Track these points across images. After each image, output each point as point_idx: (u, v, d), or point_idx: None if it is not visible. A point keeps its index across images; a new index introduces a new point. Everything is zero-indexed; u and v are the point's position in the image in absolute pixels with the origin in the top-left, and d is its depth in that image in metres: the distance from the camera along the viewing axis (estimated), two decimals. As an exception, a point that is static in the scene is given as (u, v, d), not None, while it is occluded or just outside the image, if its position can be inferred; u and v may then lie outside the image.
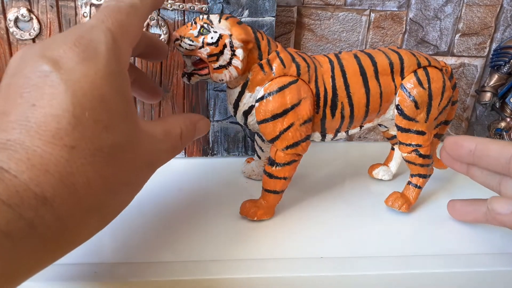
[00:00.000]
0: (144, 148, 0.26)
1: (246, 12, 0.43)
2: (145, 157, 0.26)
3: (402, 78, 0.37)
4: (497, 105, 0.52)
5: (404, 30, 0.52)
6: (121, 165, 0.24)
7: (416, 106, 0.36)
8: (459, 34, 0.53)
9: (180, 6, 0.43)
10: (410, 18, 0.51)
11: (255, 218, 0.36)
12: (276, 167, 0.35)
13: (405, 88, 0.37)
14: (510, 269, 0.33)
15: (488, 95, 0.51)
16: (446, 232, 0.37)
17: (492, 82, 0.51)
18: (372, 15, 0.51)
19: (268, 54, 0.34)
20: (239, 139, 0.49)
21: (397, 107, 0.37)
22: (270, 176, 0.36)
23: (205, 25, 0.32)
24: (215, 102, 0.47)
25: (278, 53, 0.34)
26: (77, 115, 0.21)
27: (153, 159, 0.27)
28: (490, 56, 0.53)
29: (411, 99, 0.36)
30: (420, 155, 0.38)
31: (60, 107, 0.21)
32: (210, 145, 0.48)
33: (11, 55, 0.42)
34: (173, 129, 0.29)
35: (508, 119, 0.51)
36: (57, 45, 0.23)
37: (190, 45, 0.32)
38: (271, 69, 0.34)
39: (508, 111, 0.51)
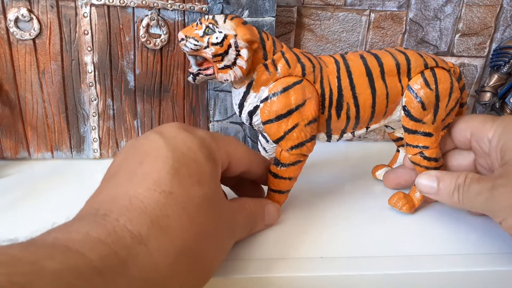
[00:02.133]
0: (226, 209, 0.29)
1: (246, 12, 0.43)
2: (227, 219, 0.29)
3: (409, 79, 0.36)
4: (497, 105, 0.52)
5: (404, 30, 0.52)
6: (208, 216, 0.26)
7: (423, 107, 0.36)
8: (459, 34, 0.53)
9: (180, 6, 0.43)
10: (410, 18, 0.51)
11: None
12: (281, 167, 0.35)
13: (412, 89, 0.36)
14: (510, 269, 0.33)
15: (488, 95, 0.52)
16: (446, 232, 0.37)
17: (492, 82, 0.51)
18: (372, 15, 0.51)
19: (273, 54, 0.34)
20: (239, 139, 0.49)
21: (404, 108, 0.37)
22: (275, 176, 0.36)
23: (210, 25, 0.32)
24: (215, 102, 0.47)
25: (283, 53, 0.34)
26: (176, 168, 0.25)
27: (233, 224, 0.30)
28: (490, 56, 0.53)
29: (418, 100, 0.36)
30: (425, 157, 0.38)
31: (161, 161, 0.25)
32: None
33: (11, 55, 0.42)
34: (245, 203, 0.33)
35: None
36: (163, 126, 0.29)
37: (195, 45, 0.32)
38: (276, 69, 0.33)
39: (508, 111, 0.51)
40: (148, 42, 0.43)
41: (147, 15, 0.43)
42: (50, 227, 0.22)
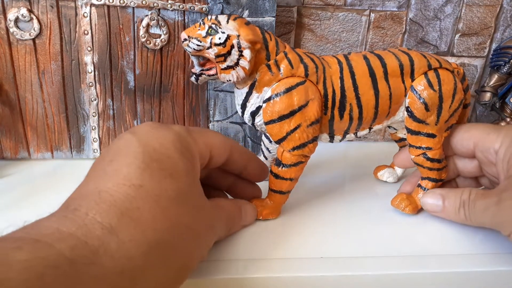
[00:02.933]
0: (204, 205, 0.29)
1: (246, 12, 0.43)
2: (205, 214, 0.28)
3: (412, 80, 0.36)
4: (497, 105, 0.52)
5: (404, 30, 0.52)
6: (184, 209, 0.26)
7: (427, 108, 0.36)
8: (459, 34, 0.53)
9: (180, 6, 0.43)
10: (410, 18, 0.51)
11: (261, 217, 0.37)
12: (282, 167, 0.35)
13: (415, 90, 0.36)
14: (510, 269, 0.33)
15: (488, 95, 0.51)
16: (446, 232, 0.37)
17: (492, 82, 0.51)
18: (372, 15, 0.51)
19: (276, 55, 0.33)
20: (239, 139, 0.49)
21: (407, 109, 0.37)
22: (276, 176, 0.36)
23: (213, 26, 0.32)
24: (215, 102, 0.47)
25: (286, 54, 0.34)
26: (146, 162, 0.25)
27: (212, 221, 0.30)
28: (490, 56, 0.53)
29: (421, 101, 0.36)
30: (428, 159, 0.37)
31: (132, 156, 0.25)
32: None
33: (11, 55, 0.42)
34: (222, 203, 0.33)
35: (508, 119, 0.51)
36: (137, 125, 0.29)
37: (198, 45, 0.32)
38: (279, 69, 0.33)
39: (508, 111, 0.51)
40: (148, 42, 0.43)
41: (147, 15, 0.43)
42: (21, 225, 0.22)
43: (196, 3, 0.43)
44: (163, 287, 0.24)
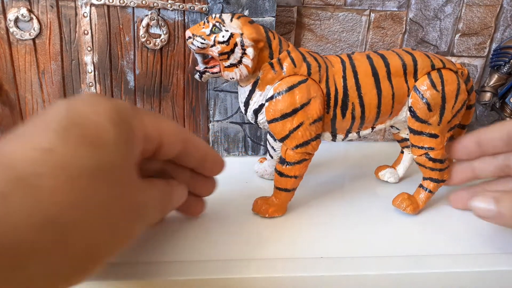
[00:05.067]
0: (132, 185, 0.25)
1: (246, 12, 0.43)
2: (133, 198, 0.25)
3: (416, 80, 0.36)
4: (497, 105, 0.52)
5: (404, 30, 0.52)
6: (101, 184, 0.22)
7: (429, 108, 0.36)
8: (459, 34, 0.53)
9: (180, 6, 0.43)
10: (410, 18, 0.51)
11: (267, 215, 0.37)
12: (286, 165, 0.35)
13: (418, 90, 0.36)
14: (510, 269, 0.33)
15: (488, 95, 0.51)
16: (445, 232, 0.37)
17: (492, 82, 0.51)
18: (372, 15, 0.51)
19: (279, 53, 0.34)
20: (239, 139, 0.49)
21: (410, 109, 0.37)
22: (281, 174, 0.36)
23: (217, 24, 0.32)
24: (215, 102, 0.47)
25: (289, 53, 0.34)
26: (64, 126, 0.22)
27: (142, 206, 0.26)
28: (490, 56, 0.53)
29: (424, 101, 0.36)
30: (430, 159, 0.37)
31: (52, 120, 0.22)
32: (210, 145, 0.48)
33: (11, 55, 0.42)
34: (155, 181, 0.29)
35: (508, 119, 0.51)
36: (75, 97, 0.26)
37: (201, 43, 0.32)
38: (282, 68, 0.34)
39: (508, 111, 0.51)
40: (148, 42, 0.43)
41: (147, 15, 0.43)
42: None
43: (196, 3, 0.43)
44: (60, 272, 0.21)
